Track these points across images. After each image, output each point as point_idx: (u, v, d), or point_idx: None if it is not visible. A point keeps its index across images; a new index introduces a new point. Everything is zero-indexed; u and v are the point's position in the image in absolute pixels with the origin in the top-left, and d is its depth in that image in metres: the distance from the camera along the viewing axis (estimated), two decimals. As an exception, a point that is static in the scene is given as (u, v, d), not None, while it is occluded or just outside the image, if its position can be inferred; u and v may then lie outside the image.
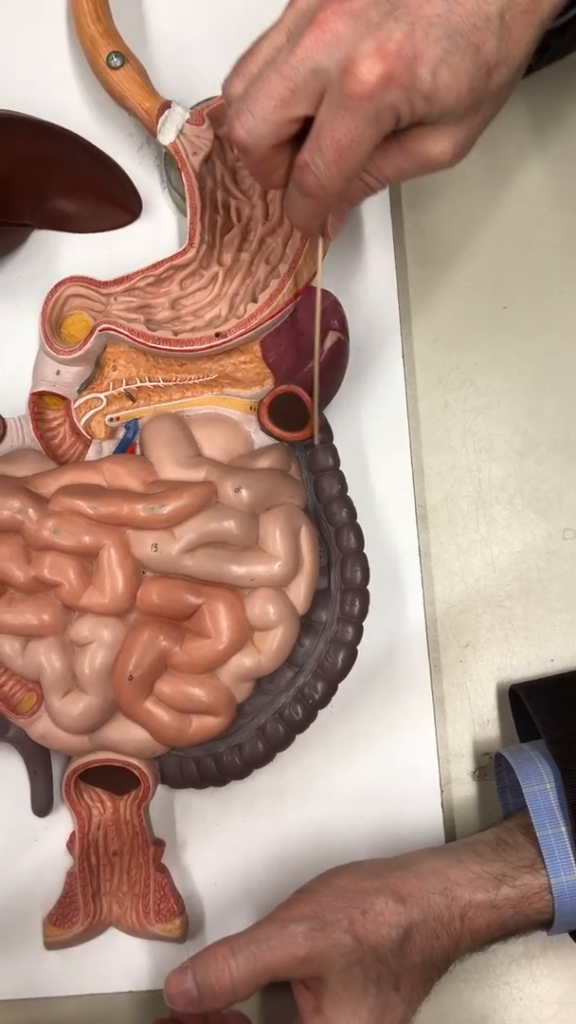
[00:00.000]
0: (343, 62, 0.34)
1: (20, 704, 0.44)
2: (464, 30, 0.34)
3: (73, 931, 0.45)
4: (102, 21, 0.48)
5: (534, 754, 0.44)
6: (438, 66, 0.34)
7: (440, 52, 0.34)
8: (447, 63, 0.34)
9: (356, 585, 0.45)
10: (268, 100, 0.35)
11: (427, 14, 0.34)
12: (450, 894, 0.41)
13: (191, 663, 0.43)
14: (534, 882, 0.42)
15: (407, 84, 0.34)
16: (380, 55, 0.34)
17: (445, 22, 0.34)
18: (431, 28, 0.34)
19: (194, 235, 0.46)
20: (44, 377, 0.47)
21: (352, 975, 0.40)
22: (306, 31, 0.35)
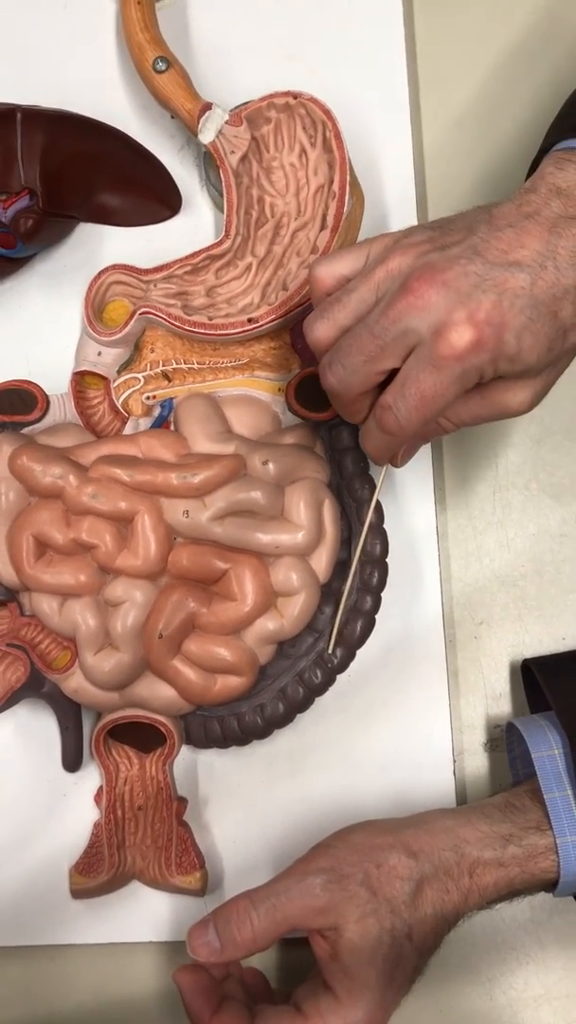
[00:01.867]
0: (435, 326, 0.37)
1: (55, 661, 0.47)
2: (545, 300, 0.37)
3: (98, 880, 0.47)
4: (149, 29, 0.51)
5: (544, 723, 0.46)
6: (522, 332, 0.37)
7: (524, 320, 0.37)
8: (530, 329, 0.37)
9: (376, 557, 0.47)
10: (359, 355, 0.39)
11: (513, 286, 0.37)
12: (459, 851, 0.43)
13: (217, 624, 0.45)
14: (540, 842, 0.43)
15: (494, 348, 0.37)
16: (471, 323, 0.37)
17: (529, 293, 0.37)
18: (516, 299, 0.37)
19: (230, 227, 0.49)
20: (86, 358, 0.50)
21: (367, 925, 0.42)
22: (399, 295, 0.38)
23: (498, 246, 0.38)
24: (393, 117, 0.54)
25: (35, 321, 0.52)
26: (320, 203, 0.49)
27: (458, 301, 0.37)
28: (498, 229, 0.39)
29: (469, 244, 0.38)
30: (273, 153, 0.50)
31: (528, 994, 0.49)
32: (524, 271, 0.37)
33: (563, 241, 0.38)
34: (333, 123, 0.48)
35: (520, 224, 0.38)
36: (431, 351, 0.37)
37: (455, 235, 0.39)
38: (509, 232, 0.38)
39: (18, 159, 0.49)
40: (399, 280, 0.38)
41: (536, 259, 0.38)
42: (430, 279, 0.37)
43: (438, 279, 0.37)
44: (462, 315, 0.37)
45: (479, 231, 0.39)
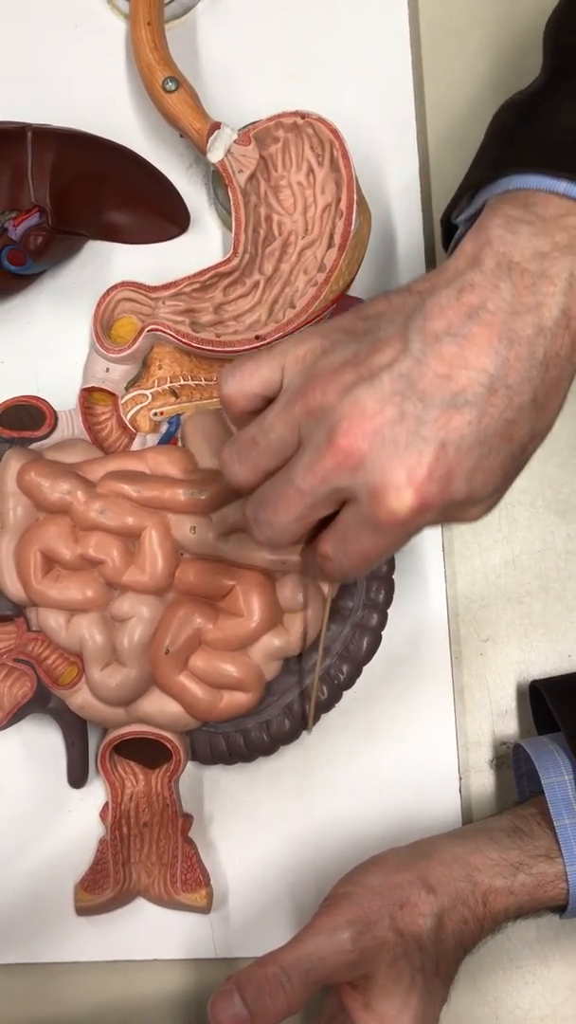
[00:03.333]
0: (370, 488, 0.32)
1: (62, 676, 0.47)
2: (496, 428, 0.32)
3: (103, 897, 0.47)
4: (159, 50, 0.52)
5: (553, 747, 0.46)
6: (472, 474, 0.32)
7: (474, 461, 0.32)
8: (481, 468, 0.32)
9: (382, 574, 0.48)
10: (286, 515, 0.34)
11: (457, 424, 0.31)
12: (472, 879, 0.42)
13: (224, 640, 0.45)
14: (549, 870, 0.43)
15: (441, 504, 0.32)
16: (411, 485, 0.31)
17: (476, 428, 0.32)
18: (463, 439, 0.31)
19: (238, 245, 0.50)
20: (94, 374, 0.50)
21: (399, 969, 0.41)
22: (326, 450, 0.32)
23: (436, 369, 0.32)
24: (399, 136, 0.54)
25: (44, 337, 0.52)
26: (327, 221, 0.50)
27: (394, 457, 0.31)
28: (435, 340, 0.32)
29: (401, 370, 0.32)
30: (281, 172, 0.51)
31: (534, 1014, 0.48)
32: (470, 404, 0.31)
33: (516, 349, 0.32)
34: (340, 142, 0.49)
35: (462, 330, 0.32)
36: (369, 514, 0.32)
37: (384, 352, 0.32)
38: (449, 345, 0.32)
39: (28, 177, 0.49)
40: (324, 425, 0.32)
41: (483, 383, 0.31)
42: (359, 431, 0.31)
43: (368, 429, 0.31)
44: (400, 476, 0.31)
45: (413, 342, 0.32)
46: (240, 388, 0.35)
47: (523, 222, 0.33)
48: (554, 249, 0.33)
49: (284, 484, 0.34)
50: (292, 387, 0.34)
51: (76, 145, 0.51)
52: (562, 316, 0.33)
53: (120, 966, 0.49)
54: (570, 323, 0.33)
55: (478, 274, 0.33)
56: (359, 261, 0.50)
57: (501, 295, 0.32)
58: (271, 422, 0.34)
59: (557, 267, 0.33)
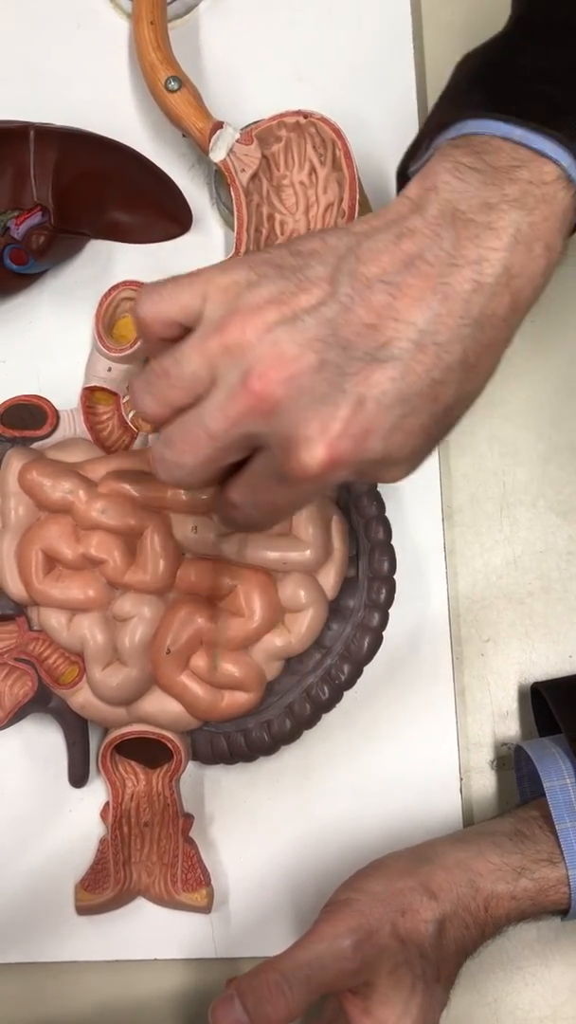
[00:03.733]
0: (282, 438, 0.30)
1: (63, 676, 0.47)
2: (421, 388, 0.30)
3: (103, 896, 0.47)
4: (162, 49, 0.52)
5: (555, 750, 0.46)
6: (390, 434, 0.30)
7: (393, 419, 0.30)
8: (400, 428, 0.30)
9: (383, 574, 0.48)
10: (194, 456, 0.32)
11: (379, 380, 0.30)
12: (474, 885, 0.42)
13: (225, 640, 0.45)
14: (551, 875, 0.43)
15: (353, 462, 0.30)
16: (324, 440, 0.30)
17: (399, 385, 0.30)
18: (383, 396, 0.30)
19: (240, 245, 0.50)
20: (96, 373, 0.50)
21: (400, 976, 0.40)
22: (240, 393, 0.30)
23: (364, 317, 0.30)
24: (402, 136, 0.54)
25: (46, 337, 0.52)
26: (330, 221, 0.50)
27: (309, 408, 0.30)
28: (366, 286, 0.30)
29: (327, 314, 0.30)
30: (283, 171, 0.51)
31: (534, 1015, 0.48)
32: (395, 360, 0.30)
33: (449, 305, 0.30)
34: (343, 142, 0.49)
35: (395, 279, 0.30)
36: (280, 465, 0.31)
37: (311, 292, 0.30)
38: (379, 293, 0.30)
39: (31, 176, 0.49)
40: (240, 365, 0.30)
41: (411, 338, 0.30)
42: (275, 375, 0.30)
43: (285, 375, 0.30)
44: (313, 429, 0.30)
45: (342, 286, 0.30)
46: (157, 311, 0.33)
47: (473, 170, 0.31)
48: (503, 201, 0.31)
49: (194, 424, 0.32)
50: (211, 319, 0.31)
51: (79, 144, 0.51)
52: (504, 273, 0.31)
53: (120, 966, 0.49)
54: (511, 282, 0.31)
55: (419, 220, 0.31)
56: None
57: (441, 245, 0.30)
58: (186, 354, 0.32)
59: (504, 220, 0.31)
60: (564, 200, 0.32)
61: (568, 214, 0.32)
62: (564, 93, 0.33)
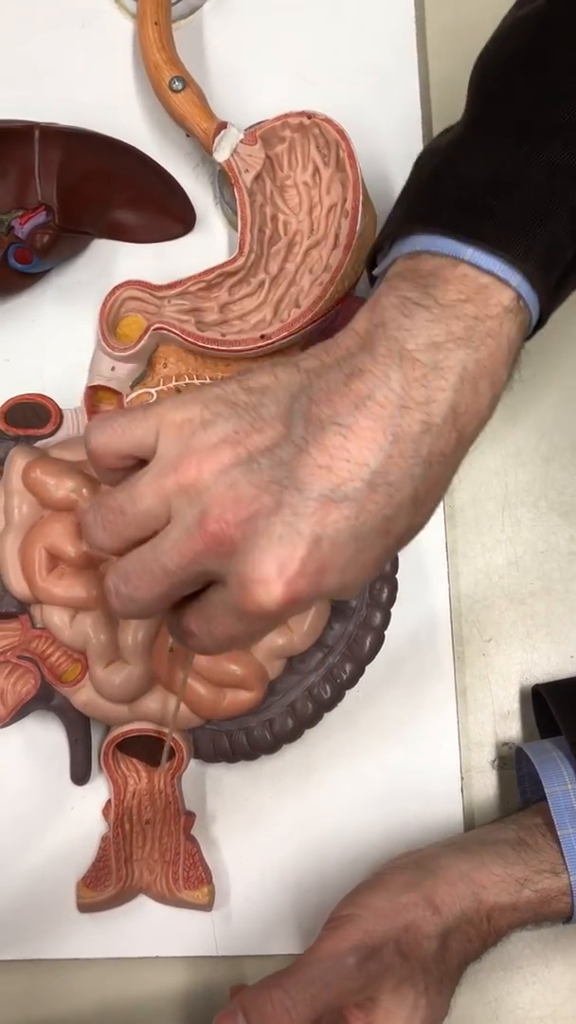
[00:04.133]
0: (239, 578, 0.31)
1: (65, 674, 0.47)
2: (374, 524, 0.31)
3: (105, 894, 0.47)
4: (166, 49, 0.52)
5: (556, 754, 0.46)
6: (345, 569, 0.31)
7: (348, 555, 0.31)
8: (355, 562, 0.31)
9: (385, 573, 0.48)
10: (149, 592, 0.33)
11: (334, 519, 0.30)
12: (478, 898, 0.42)
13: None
14: (554, 886, 0.43)
15: (309, 597, 0.31)
16: (281, 579, 0.30)
17: (353, 524, 0.31)
18: (339, 535, 0.31)
19: (244, 245, 0.50)
20: (100, 372, 0.50)
21: (403, 993, 0.40)
22: (196, 533, 0.31)
23: (318, 459, 0.31)
24: (406, 137, 0.54)
25: (50, 336, 0.53)
26: (333, 222, 0.50)
27: (267, 549, 0.30)
28: (319, 428, 0.31)
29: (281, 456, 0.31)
30: (287, 172, 0.51)
31: (534, 1014, 0.48)
32: (349, 500, 0.30)
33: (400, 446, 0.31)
34: (347, 143, 0.49)
35: (347, 420, 0.31)
36: (236, 602, 0.31)
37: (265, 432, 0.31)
38: (333, 435, 0.31)
39: (35, 175, 0.50)
40: (195, 505, 0.31)
41: (364, 478, 0.31)
42: (232, 518, 0.30)
43: (242, 516, 0.30)
44: (271, 569, 0.30)
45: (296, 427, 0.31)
46: (109, 444, 0.34)
47: (420, 306, 0.32)
48: (449, 339, 0.32)
49: (150, 560, 0.32)
50: (166, 458, 0.32)
51: (83, 144, 0.51)
52: (450, 412, 0.32)
53: (122, 963, 0.49)
54: (458, 420, 0.32)
55: (368, 359, 0.32)
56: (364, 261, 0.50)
57: (390, 386, 0.31)
58: (141, 491, 0.32)
59: (451, 360, 0.32)
60: (510, 331, 0.33)
61: (515, 344, 0.34)
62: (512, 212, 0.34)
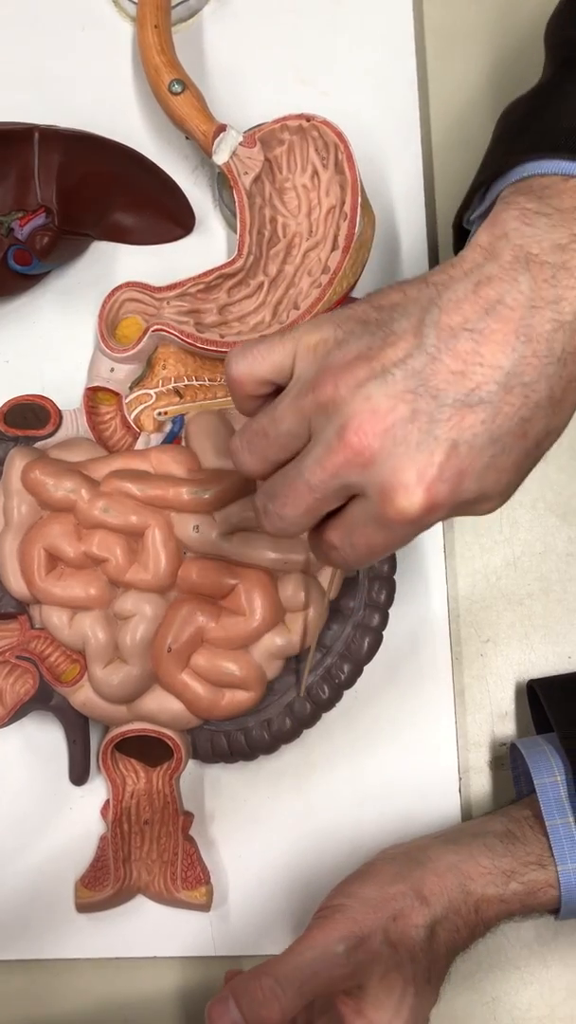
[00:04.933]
0: (380, 486, 0.31)
1: (64, 674, 0.47)
2: (510, 427, 0.31)
3: (103, 894, 0.47)
4: (166, 53, 0.52)
5: (547, 748, 0.46)
6: (484, 474, 0.31)
7: (486, 460, 0.31)
8: (493, 467, 0.32)
9: (383, 574, 0.48)
10: (295, 508, 0.33)
11: (471, 423, 0.31)
12: (465, 888, 0.43)
13: (226, 639, 0.46)
14: (541, 878, 0.43)
15: (450, 503, 0.32)
16: (421, 484, 0.31)
17: (489, 427, 0.31)
18: (475, 439, 0.31)
19: (243, 247, 0.50)
20: (99, 374, 0.51)
21: (392, 981, 0.41)
22: (336, 446, 0.32)
23: (451, 365, 0.31)
24: (404, 139, 0.55)
25: (49, 337, 0.53)
26: (332, 224, 0.50)
27: (405, 456, 0.31)
28: (451, 335, 0.31)
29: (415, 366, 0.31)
30: (286, 174, 0.51)
31: (532, 1014, 0.49)
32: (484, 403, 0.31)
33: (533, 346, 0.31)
34: (345, 145, 0.49)
35: (478, 325, 0.31)
36: (378, 511, 0.32)
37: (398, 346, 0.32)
38: (464, 341, 0.31)
39: (35, 178, 0.50)
40: (334, 420, 0.32)
41: (498, 380, 0.31)
42: (371, 429, 0.31)
43: (380, 428, 0.31)
44: (411, 476, 0.31)
45: (427, 337, 0.31)
46: (250, 371, 0.35)
47: (540, 214, 0.32)
48: (573, 240, 0.32)
49: (294, 477, 0.33)
50: (304, 378, 0.33)
51: (82, 146, 0.51)
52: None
53: (120, 963, 0.49)
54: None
55: (495, 267, 0.32)
56: (363, 263, 0.50)
57: (519, 288, 0.31)
58: (281, 413, 0.33)
59: None
60: None
61: None
62: None
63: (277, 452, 0.34)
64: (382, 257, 0.53)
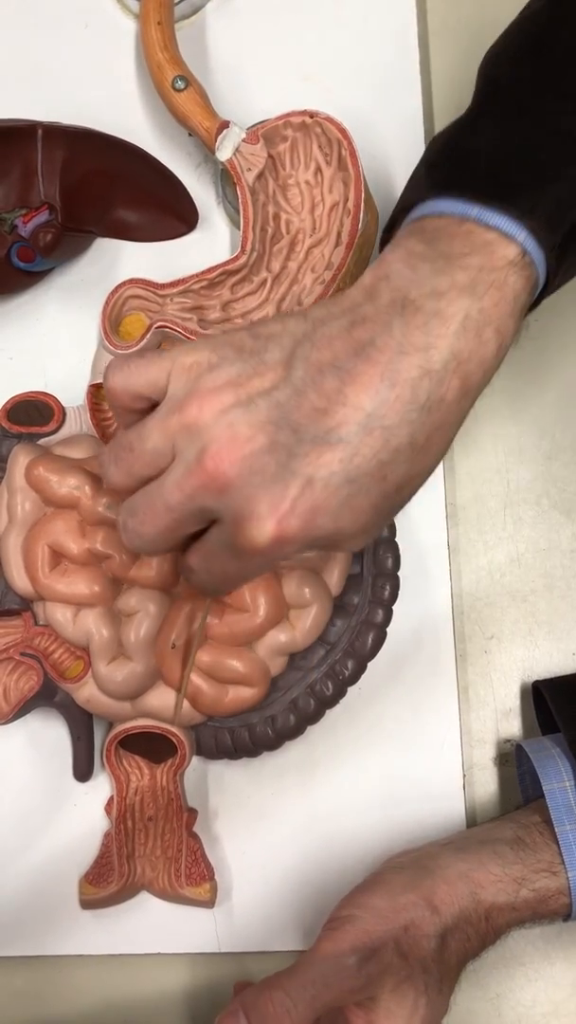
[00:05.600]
0: (234, 514, 0.32)
1: (68, 670, 0.47)
2: (369, 468, 0.32)
3: (108, 890, 0.47)
4: (168, 49, 0.52)
5: (555, 751, 0.46)
6: (339, 512, 0.32)
7: (342, 499, 0.32)
8: (349, 506, 0.32)
9: (387, 571, 0.48)
10: (153, 527, 0.34)
11: (327, 461, 0.31)
12: (476, 897, 0.42)
13: (230, 635, 0.46)
14: (552, 885, 0.43)
15: (302, 538, 0.32)
16: (273, 516, 0.31)
17: (347, 467, 0.31)
18: (332, 477, 0.31)
19: (246, 243, 0.50)
20: (102, 370, 0.51)
21: (403, 992, 0.40)
22: (195, 469, 0.32)
23: (314, 402, 0.32)
24: (407, 135, 0.54)
25: (52, 334, 0.53)
26: (335, 220, 0.50)
27: (260, 487, 0.31)
28: (318, 372, 0.32)
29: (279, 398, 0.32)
30: (289, 171, 0.51)
31: (536, 1011, 0.49)
32: (343, 442, 0.31)
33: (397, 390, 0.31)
34: (348, 142, 0.49)
35: (346, 365, 0.32)
36: (231, 539, 0.33)
37: (265, 376, 0.32)
38: (330, 379, 0.32)
39: (38, 174, 0.50)
40: (195, 443, 0.32)
41: (359, 421, 0.31)
42: (228, 456, 0.32)
43: (237, 455, 0.31)
44: (263, 507, 0.31)
45: (296, 370, 0.32)
46: (125, 384, 0.35)
47: (424, 259, 0.33)
48: (452, 288, 0.32)
49: (154, 496, 0.34)
50: (174, 398, 0.34)
51: (86, 143, 0.51)
52: (452, 359, 0.32)
53: (124, 960, 0.49)
54: (460, 367, 0.32)
55: (372, 308, 0.32)
56: (366, 259, 0.50)
57: (391, 333, 0.32)
58: (148, 430, 0.34)
59: (453, 307, 0.32)
60: (515, 284, 0.33)
61: (521, 297, 0.34)
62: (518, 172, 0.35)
63: (141, 468, 0.34)
64: (385, 253, 0.53)
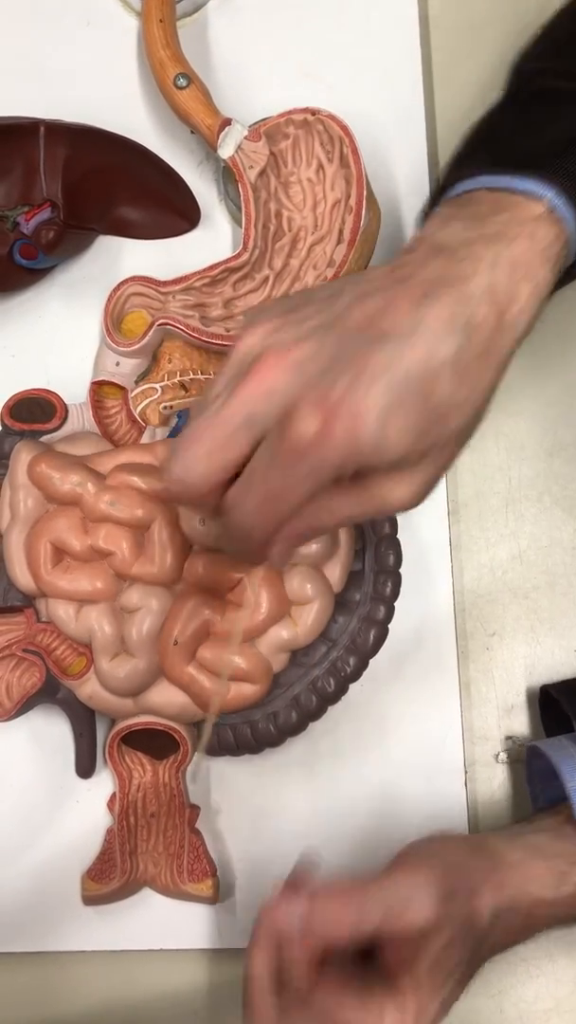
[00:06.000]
0: (280, 414, 0.32)
1: (70, 667, 0.47)
2: (412, 378, 0.32)
3: (110, 887, 0.47)
4: (170, 47, 0.52)
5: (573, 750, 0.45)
6: (385, 416, 0.31)
7: (387, 402, 0.31)
8: (395, 412, 0.32)
9: (389, 567, 0.48)
10: (200, 446, 0.33)
11: (371, 363, 0.32)
12: (524, 888, 0.41)
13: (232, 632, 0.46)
14: None
15: (348, 439, 0.31)
16: (319, 409, 0.31)
17: (391, 371, 0.31)
18: (375, 378, 0.31)
19: (248, 241, 0.50)
20: (104, 368, 0.51)
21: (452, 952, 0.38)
22: (243, 379, 0.33)
23: (359, 317, 0.33)
24: (409, 133, 0.55)
25: (54, 331, 0.53)
26: (337, 218, 0.50)
27: (306, 384, 0.32)
28: (365, 295, 0.33)
29: (327, 316, 0.33)
30: (291, 168, 0.51)
31: (538, 1007, 0.49)
32: (388, 343, 0.32)
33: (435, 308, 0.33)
34: (350, 139, 0.49)
35: (389, 292, 0.33)
36: (276, 443, 0.32)
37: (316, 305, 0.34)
38: (377, 299, 0.33)
39: (40, 172, 0.50)
40: (246, 361, 0.33)
41: (404, 332, 0.32)
42: (277, 360, 0.32)
43: (286, 359, 0.32)
44: (310, 400, 0.31)
45: (343, 298, 0.34)
46: None
47: (455, 219, 0.36)
48: (481, 238, 0.35)
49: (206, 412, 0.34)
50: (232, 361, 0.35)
51: (88, 141, 0.51)
52: (487, 290, 0.34)
53: (126, 956, 0.49)
54: (495, 297, 0.34)
55: (410, 258, 0.35)
56: (368, 257, 0.50)
57: (429, 269, 0.34)
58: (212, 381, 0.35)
59: (483, 250, 0.34)
60: (546, 235, 0.35)
61: (553, 247, 0.35)
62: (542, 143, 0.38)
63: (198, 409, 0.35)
64: (387, 251, 0.53)
